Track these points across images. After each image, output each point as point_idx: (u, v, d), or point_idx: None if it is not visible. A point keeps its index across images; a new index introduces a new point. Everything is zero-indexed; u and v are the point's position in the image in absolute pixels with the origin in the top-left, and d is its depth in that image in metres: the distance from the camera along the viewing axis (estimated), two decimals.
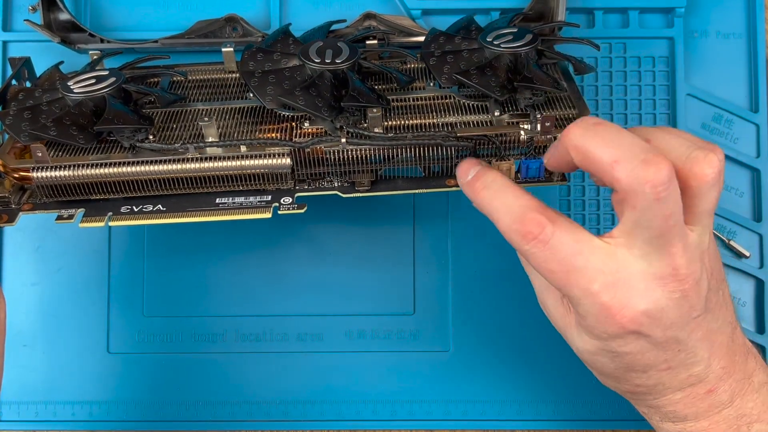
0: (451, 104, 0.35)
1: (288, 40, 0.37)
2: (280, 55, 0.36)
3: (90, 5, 0.44)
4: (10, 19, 0.44)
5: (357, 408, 0.43)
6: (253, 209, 0.34)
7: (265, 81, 0.34)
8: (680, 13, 0.43)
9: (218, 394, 0.43)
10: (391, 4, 0.43)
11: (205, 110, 0.36)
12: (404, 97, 0.36)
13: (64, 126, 0.33)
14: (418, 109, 0.35)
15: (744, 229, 0.43)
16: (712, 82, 0.43)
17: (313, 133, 0.34)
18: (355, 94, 0.33)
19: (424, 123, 0.35)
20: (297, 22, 0.44)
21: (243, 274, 0.43)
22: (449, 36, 0.37)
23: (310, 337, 0.43)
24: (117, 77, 0.34)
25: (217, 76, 0.40)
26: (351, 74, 0.34)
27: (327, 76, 0.34)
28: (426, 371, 0.43)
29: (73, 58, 0.43)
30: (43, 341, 0.43)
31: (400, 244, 0.43)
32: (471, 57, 0.35)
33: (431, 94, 0.36)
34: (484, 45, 0.34)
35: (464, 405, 0.42)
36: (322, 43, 0.35)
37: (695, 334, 0.29)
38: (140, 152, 0.33)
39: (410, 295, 0.43)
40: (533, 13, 0.41)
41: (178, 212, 0.34)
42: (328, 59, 0.34)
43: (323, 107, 0.33)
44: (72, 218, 0.34)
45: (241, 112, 0.36)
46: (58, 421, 0.42)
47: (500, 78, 0.34)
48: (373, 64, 0.36)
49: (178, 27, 0.42)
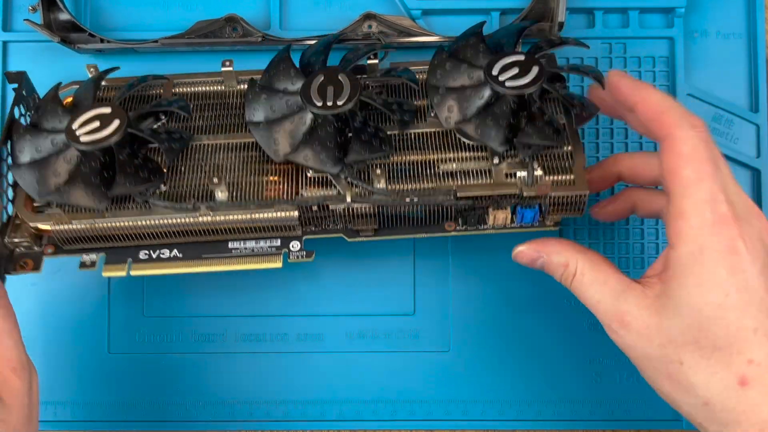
0: (451, 142, 0.36)
1: (290, 71, 0.37)
2: (283, 95, 0.36)
3: (90, 5, 0.44)
4: (10, 19, 0.43)
5: (357, 408, 0.43)
6: (264, 257, 0.37)
7: (270, 132, 0.36)
8: (680, 13, 0.43)
9: (218, 394, 0.43)
10: (391, 4, 0.43)
11: (210, 145, 0.37)
12: (406, 132, 0.37)
13: (77, 187, 0.34)
14: (420, 142, 0.37)
15: None
16: (712, 82, 0.43)
17: (317, 179, 0.36)
18: (358, 148, 0.35)
19: (424, 159, 0.36)
20: (297, 22, 0.44)
21: (243, 274, 0.43)
22: (455, 61, 0.36)
23: (310, 337, 0.43)
24: (121, 120, 0.35)
25: (217, 89, 0.40)
26: (354, 125, 0.35)
27: (330, 120, 0.35)
28: (426, 371, 0.43)
29: (73, 58, 0.43)
30: (43, 341, 0.43)
31: (401, 244, 0.43)
32: (475, 95, 0.35)
33: (432, 130, 0.37)
34: (489, 80, 0.35)
35: (464, 405, 0.42)
36: (324, 78, 0.35)
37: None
38: (154, 207, 0.35)
39: (410, 295, 0.43)
40: (533, 13, 0.41)
41: (195, 260, 0.37)
42: (330, 101, 0.35)
43: (327, 162, 0.35)
44: (94, 266, 0.37)
45: (246, 147, 0.37)
46: (58, 421, 0.42)
47: (502, 125, 0.35)
48: (375, 101, 0.36)
49: (178, 27, 0.42)
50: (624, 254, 0.43)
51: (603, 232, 0.43)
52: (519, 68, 0.35)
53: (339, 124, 0.35)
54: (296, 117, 0.36)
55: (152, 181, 0.35)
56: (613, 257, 0.43)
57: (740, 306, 0.28)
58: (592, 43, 0.43)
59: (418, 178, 0.36)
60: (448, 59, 0.37)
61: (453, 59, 0.36)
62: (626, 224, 0.43)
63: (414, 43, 0.41)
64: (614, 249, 0.43)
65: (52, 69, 0.43)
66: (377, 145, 0.35)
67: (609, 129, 0.43)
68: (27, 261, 0.37)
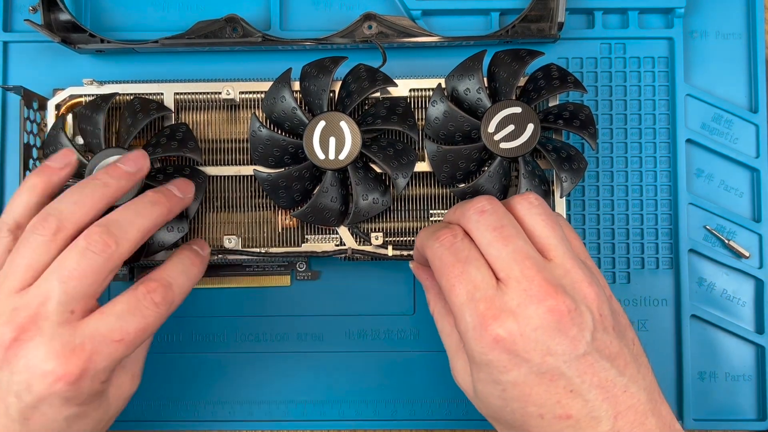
0: (446, 193, 0.40)
1: (294, 119, 0.38)
2: (285, 142, 0.38)
3: (90, 5, 0.44)
4: (10, 19, 0.43)
5: (357, 408, 0.43)
6: (274, 275, 0.43)
7: (276, 190, 0.38)
8: (680, 13, 0.43)
9: (218, 394, 0.43)
10: (391, 5, 0.43)
11: (220, 177, 0.40)
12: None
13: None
14: (417, 197, 0.40)
15: (744, 230, 0.43)
16: (712, 82, 0.43)
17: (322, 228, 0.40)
18: (358, 211, 0.37)
19: (419, 213, 0.40)
20: (297, 23, 0.44)
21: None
22: (455, 108, 0.37)
23: (310, 337, 0.43)
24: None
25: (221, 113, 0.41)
26: (356, 188, 0.37)
27: (334, 177, 0.37)
28: (426, 371, 0.43)
29: (74, 58, 0.43)
30: None
31: None
32: (471, 154, 0.38)
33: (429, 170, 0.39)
34: (484, 142, 0.37)
35: (465, 405, 0.42)
36: (325, 123, 0.37)
37: (586, 376, 0.29)
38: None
39: (410, 296, 0.43)
40: (534, 13, 0.41)
41: (214, 277, 0.43)
42: (332, 155, 0.37)
43: (332, 219, 0.38)
44: (125, 278, 0.42)
45: (251, 180, 0.40)
46: None
47: (495, 186, 0.37)
48: (376, 157, 0.37)
49: (178, 27, 0.42)
50: (624, 254, 0.43)
51: (603, 232, 0.43)
52: (515, 124, 0.37)
53: (340, 175, 0.38)
54: (301, 177, 0.38)
55: (178, 232, 0.37)
56: (614, 257, 0.43)
57: (520, 397, 0.29)
58: (592, 44, 0.43)
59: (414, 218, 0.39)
60: (446, 112, 0.38)
61: (451, 105, 0.38)
62: (626, 224, 0.43)
63: (414, 44, 0.41)
64: (614, 249, 0.43)
65: (52, 69, 0.43)
66: (378, 204, 0.38)
67: (609, 158, 0.43)
68: None
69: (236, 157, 0.40)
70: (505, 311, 0.29)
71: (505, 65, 0.38)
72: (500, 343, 0.29)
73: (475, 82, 0.37)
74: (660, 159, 0.43)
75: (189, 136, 0.38)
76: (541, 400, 0.29)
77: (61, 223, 0.31)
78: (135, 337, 0.30)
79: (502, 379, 0.29)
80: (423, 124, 0.39)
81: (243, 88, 0.39)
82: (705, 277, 0.43)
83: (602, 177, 0.43)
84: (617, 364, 0.29)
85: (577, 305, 0.29)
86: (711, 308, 0.43)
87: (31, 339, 0.29)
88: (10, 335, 0.29)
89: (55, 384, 0.29)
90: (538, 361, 0.28)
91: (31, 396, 0.29)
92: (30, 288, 0.30)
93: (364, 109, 0.39)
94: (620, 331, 0.30)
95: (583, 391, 0.29)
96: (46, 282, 0.30)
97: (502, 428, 0.32)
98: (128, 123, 0.37)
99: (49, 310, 0.29)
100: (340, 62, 0.38)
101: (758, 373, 0.42)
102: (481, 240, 0.31)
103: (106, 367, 0.30)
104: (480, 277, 0.30)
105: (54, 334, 0.29)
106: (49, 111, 0.39)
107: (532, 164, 0.37)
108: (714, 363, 0.42)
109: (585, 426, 0.29)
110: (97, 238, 0.30)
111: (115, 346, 0.30)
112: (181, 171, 0.38)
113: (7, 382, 0.29)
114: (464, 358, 0.33)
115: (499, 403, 0.30)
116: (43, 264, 0.30)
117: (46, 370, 0.29)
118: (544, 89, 0.37)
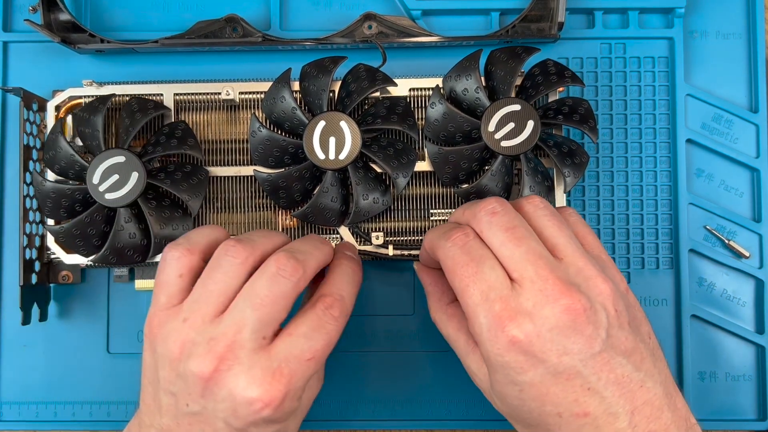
0: (446, 192, 0.40)
1: (294, 119, 0.38)
2: (285, 143, 0.38)
3: (90, 5, 0.44)
4: (10, 19, 0.43)
5: (357, 408, 0.43)
6: None
7: (277, 191, 0.38)
8: (680, 13, 0.43)
9: None
10: (391, 5, 0.43)
11: (221, 178, 0.40)
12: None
13: (118, 249, 0.37)
14: (417, 196, 0.40)
15: (744, 229, 0.43)
16: (712, 82, 0.43)
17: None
18: (359, 211, 0.37)
19: (420, 212, 0.40)
20: (297, 23, 0.44)
21: None
22: (454, 108, 0.37)
23: None
24: (138, 171, 0.37)
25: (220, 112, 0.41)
26: (356, 188, 0.37)
27: (334, 177, 0.38)
28: (426, 371, 0.43)
29: (74, 58, 0.43)
30: (43, 341, 0.43)
31: None
32: (473, 154, 0.38)
33: (430, 170, 0.39)
34: (485, 141, 0.37)
35: (465, 405, 0.42)
36: (325, 123, 0.37)
37: (602, 373, 0.29)
38: None
39: (410, 296, 0.43)
40: (534, 13, 0.41)
41: None
42: (332, 155, 0.37)
43: (333, 219, 0.38)
44: (126, 279, 0.42)
45: (251, 180, 0.40)
46: (58, 421, 0.42)
47: (498, 185, 0.37)
48: (376, 157, 0.37)
49: (178, 27, 0.42)
50: (624, 254, 0.43)
51: (603, 232, 0.43)
52: (515, 123, 0.36)
53: (341, 175, 0.38)
54: (301, 177, 0.38)
55: (183, 230, 0.37)
56: (614, 257, 0.43)
57: (537, 397, 0.29)
58: (592, 44, 0.43)
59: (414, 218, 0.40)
60: (445, 114, 0.38)
61: (451, 106, 0.37)
62: (626, 224, 0.43)
63: (414, 44, 0.41)
64: (614, 249, 0.43)
65: (52, 69, 0.43)
66: (378, 204, 0.38)
67: (609, 158, 0.43)
68: (68, 274, 0.42)
69: (236, 157, 0.40)
70: (521, 312, 0.29)
71: (502, 63, 0.38)
72: (517, 344, 0.29)
73: (473, 81, 0.37)
74: (660, 159, 0.43)
75: (188, 133, 0.38)
76: (558, 399, 0.29)
77: (253, 247, 0.32)
78: (323, 354, 0.31)
79: (518, 379, 0.29)
80: (423, 124, 0.39)
81: (243, 88, 0.39)
82: (705, 277, 0.43)
83: (602, 177, 0.43)
84: (633, 360, 0.29)
85: (592, 303, 0.29)
86: (711, 308, 0.43)
87: (230, 368, 0.29)
88: (210, 367, 0.29)
89: (262, 411, 0.29)
90: (555, 361, 0.29)
91: (239, 422, 0.30)
92: (224, 316, 0.30)
93: (363, 108, 0.39)
94: (636, 326, 0.31)
95: (599, 388, 0.29)
96: (239, 311, 0.30)
97: (521, 427, 0.32)
98: (127, 124, 0.37)
99: (244, 338, 0.30)
100: (339, 62, 0.38)
101: (758, 373, 0.42)
102: (493, 241, 0.31)
103: (302, 386, 0.31)
104: (494, 277, 0.30)
105: (252, 361, 0.30)
106: (49, 112, 0.39)
107: (534, 161, 0.37)
108: (714, 363, 0.42)
109: (602, 423, 0.29)
110: (287, 263, 0.31)
111: (308, 365, 0.31)
112: (182, 168, 0.38)
113: (213, 409, 0.30)
114: (477, 358, 0.33)
115: (517, 402, 0.30)
116: (234, 289, 0.31)
117: (252, 398, 0.29)
118: (542, 85, 0.37)
